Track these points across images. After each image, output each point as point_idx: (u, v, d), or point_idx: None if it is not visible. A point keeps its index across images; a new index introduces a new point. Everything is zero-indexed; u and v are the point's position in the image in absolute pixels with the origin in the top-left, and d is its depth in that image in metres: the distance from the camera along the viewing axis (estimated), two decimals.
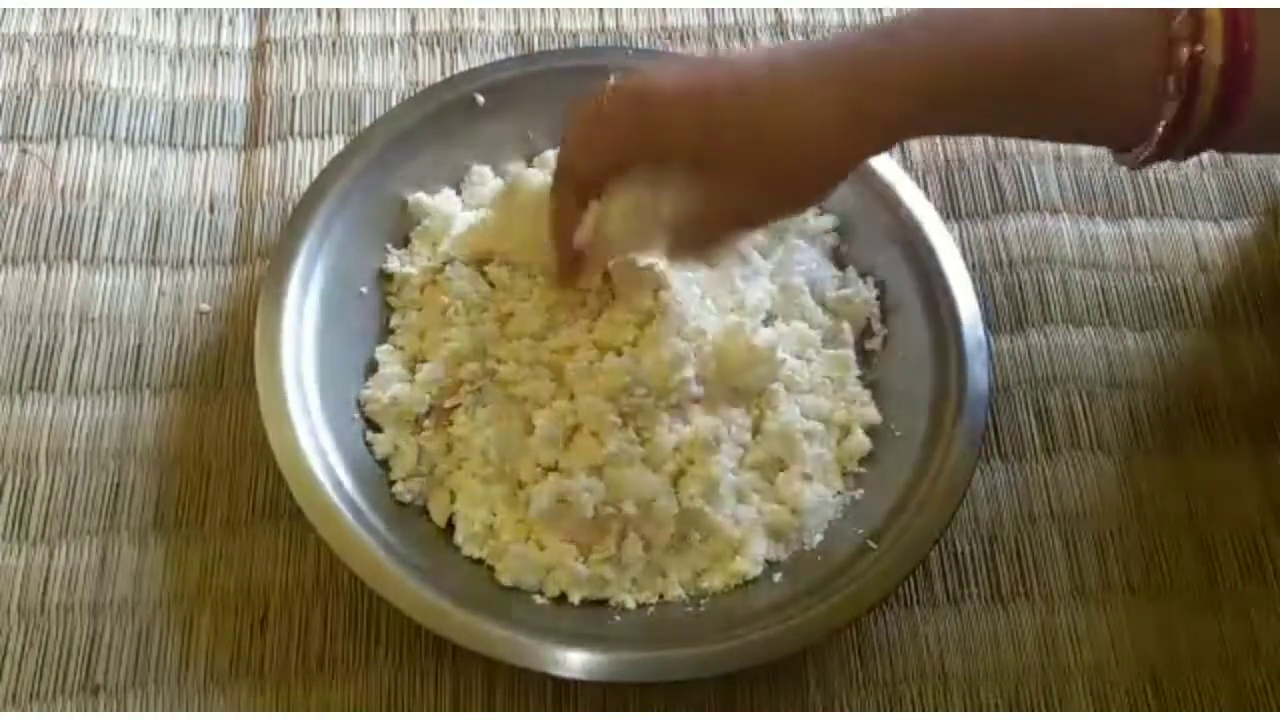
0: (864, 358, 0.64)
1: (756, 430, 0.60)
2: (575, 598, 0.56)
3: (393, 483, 0.58)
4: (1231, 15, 0.47)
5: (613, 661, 0.53)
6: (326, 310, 0.60)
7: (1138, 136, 0.50)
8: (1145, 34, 0.48)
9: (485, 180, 0.66)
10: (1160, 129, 0.49)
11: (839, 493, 0.60)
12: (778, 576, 0.57)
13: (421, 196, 0.64)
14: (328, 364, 0.59)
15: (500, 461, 0.57)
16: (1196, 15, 0.47)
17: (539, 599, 0.56)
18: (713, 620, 0.56)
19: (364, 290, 0.62)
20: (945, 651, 0.58)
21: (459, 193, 0.66)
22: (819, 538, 0.58)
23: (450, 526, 0.57)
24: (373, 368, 0.61)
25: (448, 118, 0.65)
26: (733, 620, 0.55)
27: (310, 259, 0.60)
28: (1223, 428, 0.65)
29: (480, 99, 0.66)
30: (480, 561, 0.57)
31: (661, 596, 0.56)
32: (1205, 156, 0.74)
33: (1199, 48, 0.47)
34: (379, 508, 0.56)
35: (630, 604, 0.56)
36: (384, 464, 0.58)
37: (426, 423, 0.58)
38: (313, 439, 0.56)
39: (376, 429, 0.59)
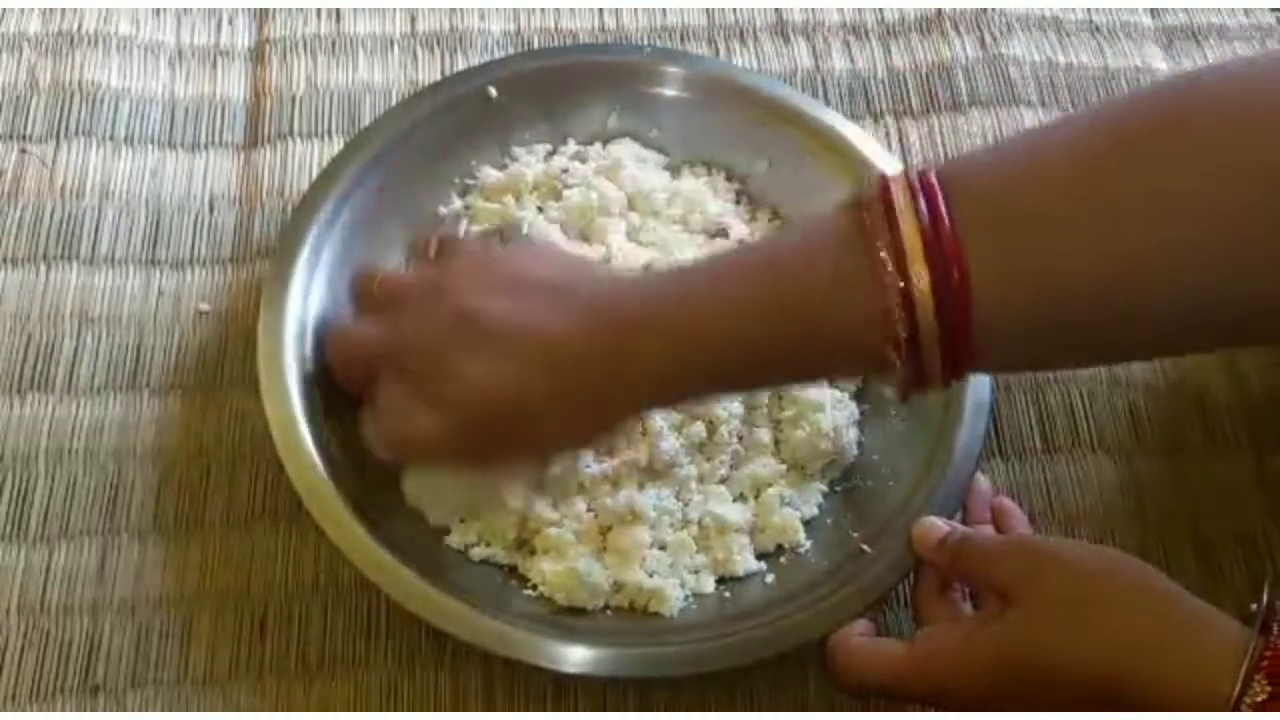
0: None
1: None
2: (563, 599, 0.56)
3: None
4: (934, 240, 0.43)
5: (610, 657, 0.53)
6: (331, 304, 0.59)
7: (881, 371, 0.47)
8: (857, 300, 0.44)
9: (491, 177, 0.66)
10: (896, 360, 0.45)
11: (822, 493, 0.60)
12: (770, 578, 0.57)
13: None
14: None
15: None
16: (900, 255, 0.43)
17: (534, 593, 0.56)
18: (710, 618, 0.56)
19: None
20: None
21: (464, 195, 0.66)
22: (808, 542, 0.58)
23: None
24: None
25: (452, 115, 0.65)
26: (730, 618, 0.55)
27: (315, 252, 0.60)
28: (1223, 428, 0.65)
29: (493, 91, 0.66)
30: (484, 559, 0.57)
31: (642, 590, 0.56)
32: None
33: (909, 279, 0.43)
34: (384, 504, 0.56)
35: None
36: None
37: None
38: (317, 434, 0.56)
39: None
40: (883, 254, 0.44)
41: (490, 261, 0.54)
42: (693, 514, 0.58)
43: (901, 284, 0.43)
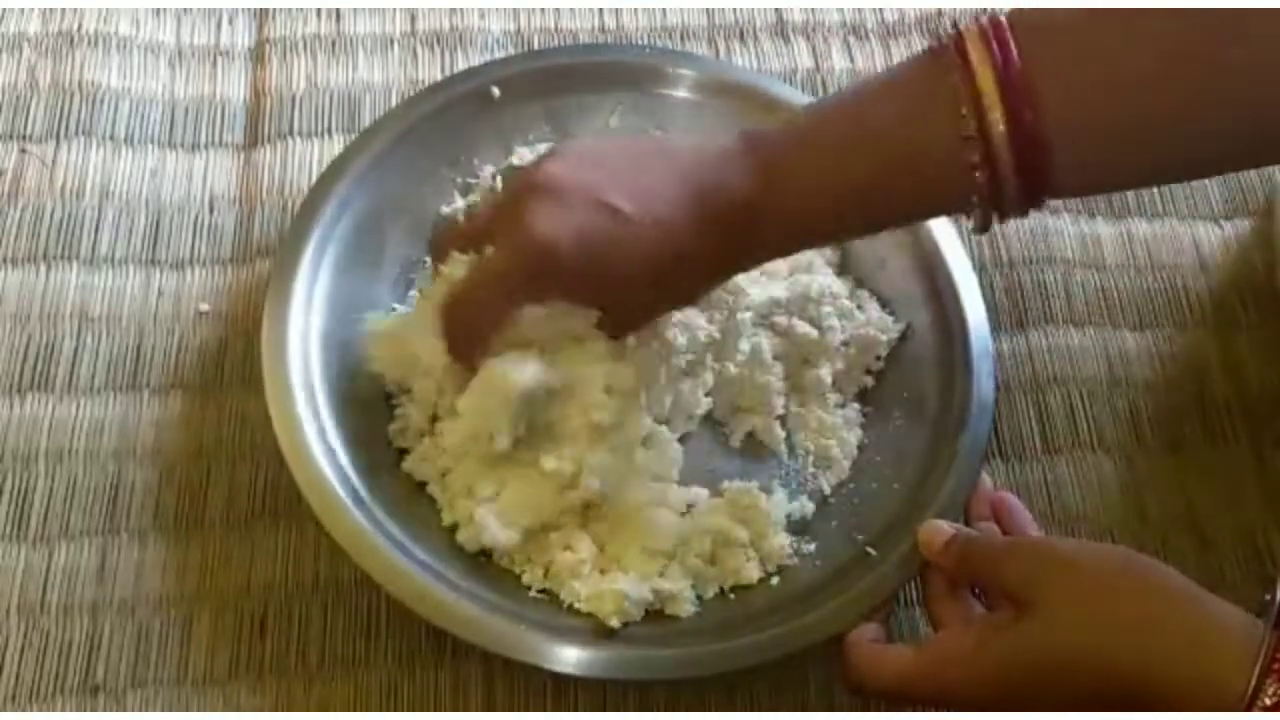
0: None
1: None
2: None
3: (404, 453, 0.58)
4: (1006, 82, 0.47)
5: (611, 658, 0.53)
6: (334, 305, 0.59)
7: (967, 207, 0.51)
8: (941, 139, 0.49)
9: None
10: (976, 200, 0.50)
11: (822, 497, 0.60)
12: (775, 580, 0.57)
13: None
14: (335, 359, 0.58)
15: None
16: (976, 102, 0.48)
17: (537, 594, 0.56)
18: (713, 620, 0.56)
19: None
20: None
21: (466, 194, 0.66)
22: (812, 545, 0.58)
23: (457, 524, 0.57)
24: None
25: (454, 114, 0.65)
26: (734, 620, 0.55)
27: (318, 252, 0.60)
28: (1223, 427, 0.65)
29: (496, 91, 0.66)
30: (488, 559, 0.57)
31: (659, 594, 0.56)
32: None
33: (986, 125, 0.48)
34: (386, 504, 0.55)
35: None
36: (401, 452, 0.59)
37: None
38: (319, 435, 0.55)
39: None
40: (960, 99, 0.48)
41: (582, 153, 0.55)
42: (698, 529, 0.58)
43: (978, 122, 0.48)
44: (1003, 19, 0.49)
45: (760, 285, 0.62)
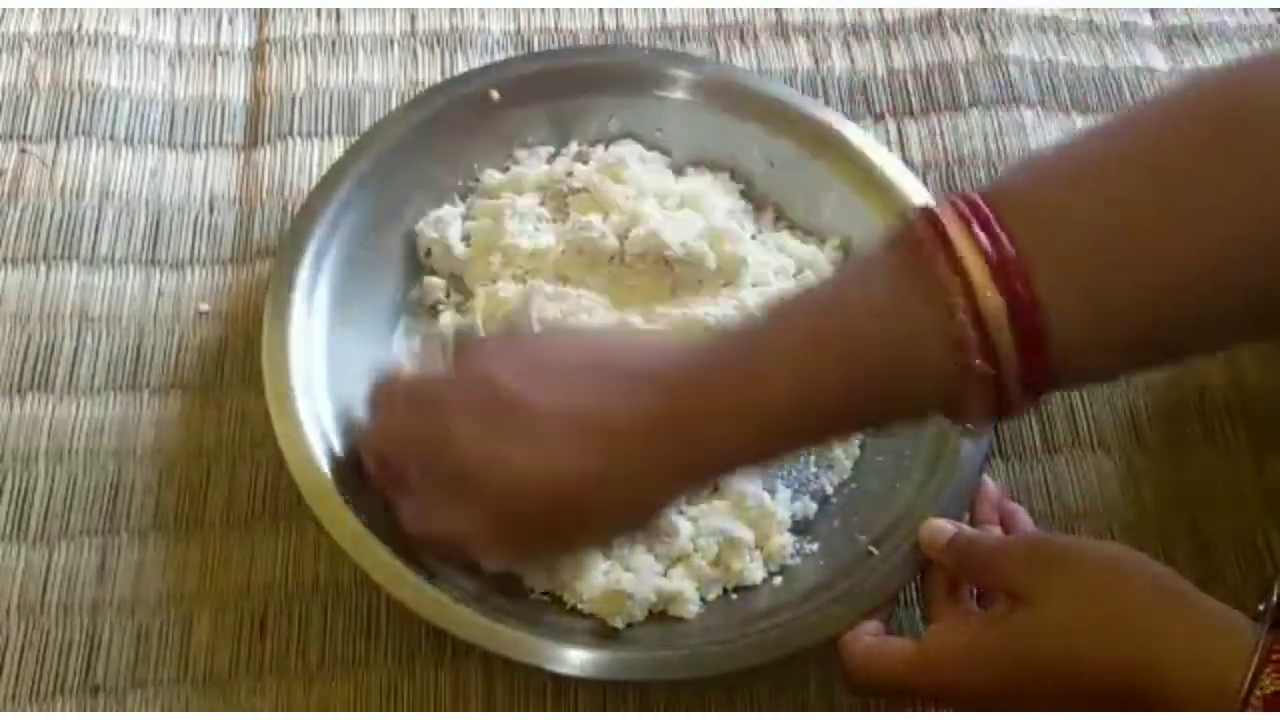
0: None
1: None
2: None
3: None
4: (999, 266, 0.42)
5: (612, 659, 0.53)
6: (336, 305, 0.59)
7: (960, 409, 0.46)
8: (928, 334, 0.43)
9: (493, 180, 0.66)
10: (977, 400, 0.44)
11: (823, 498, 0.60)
12: (777, 580, 0.57)
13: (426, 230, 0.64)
14: (337, 360, 0.58)
15: None
16: (966, 284, 0.42)
17: (539, 596, 0.56)
18: (716, 620, 0.56)
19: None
20: None
21: (465, 197, 0.66)
22: (814, 545, 0.58)
23: None
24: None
25: (454, 117, 0.65)
26: (736, 621, 0.55)
27: (318, 254, 0.60)
28: (1223, 427, 0.65)
29: (495, 94, 0.65)
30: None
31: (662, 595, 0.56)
32: None
33: (980, 309, 0.42)
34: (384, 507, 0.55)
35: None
36: None
37: None
38: (319, 435, 0.55)
39: None
40: (949, 289, 0.42)
41: (521, 350, 0.51)
42: (703, 531, 0.58)
43: (973, 314, 0.42)
44: (979, 200, 0.43)
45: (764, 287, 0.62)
